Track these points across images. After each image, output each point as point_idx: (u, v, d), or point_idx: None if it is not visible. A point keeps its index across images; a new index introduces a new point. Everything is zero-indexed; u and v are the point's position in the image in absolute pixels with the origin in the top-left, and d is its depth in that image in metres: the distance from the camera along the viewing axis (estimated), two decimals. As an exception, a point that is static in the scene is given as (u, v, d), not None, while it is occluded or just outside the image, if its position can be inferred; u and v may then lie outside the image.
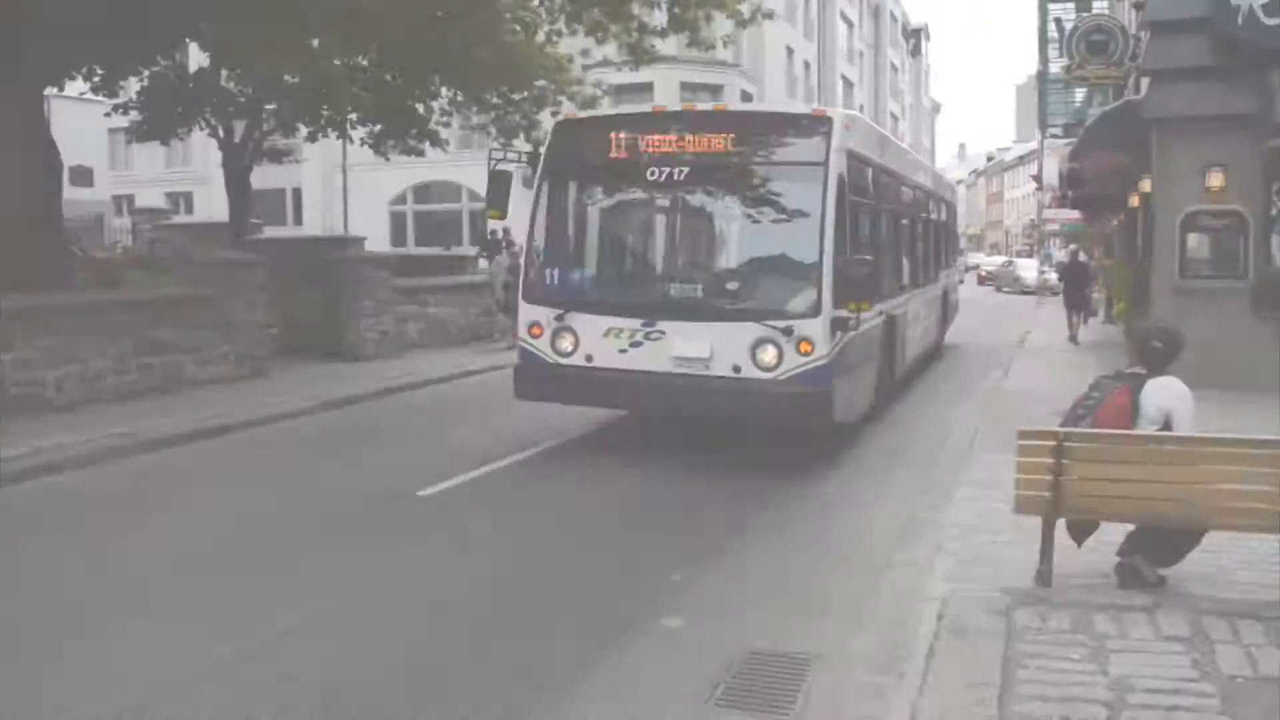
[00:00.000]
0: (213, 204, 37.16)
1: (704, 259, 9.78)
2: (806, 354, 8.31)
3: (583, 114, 10.35)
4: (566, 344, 9.15)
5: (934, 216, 16.46)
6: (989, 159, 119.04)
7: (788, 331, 8.33)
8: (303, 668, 4.82)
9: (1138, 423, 5.40)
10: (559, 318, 9.15)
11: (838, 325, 8.49)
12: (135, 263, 20.22)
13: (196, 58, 19.99)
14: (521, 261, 9.78)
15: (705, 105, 9.64)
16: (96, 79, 16.98)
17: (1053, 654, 4.63)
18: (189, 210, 43.05)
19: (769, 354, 8.41)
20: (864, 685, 4.52)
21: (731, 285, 9.15)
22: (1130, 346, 7.10)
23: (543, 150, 10.12)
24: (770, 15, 19.20)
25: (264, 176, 24.32)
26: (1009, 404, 11.83)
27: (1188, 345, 5.69)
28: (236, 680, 4.69)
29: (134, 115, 19.14)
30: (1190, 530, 5.43)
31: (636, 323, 8.86)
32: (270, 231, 28.67)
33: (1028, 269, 45.41)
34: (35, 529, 7.19)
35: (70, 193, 16.21)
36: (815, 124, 9.03)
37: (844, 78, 58.02)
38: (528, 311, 9.49)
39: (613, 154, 9.34)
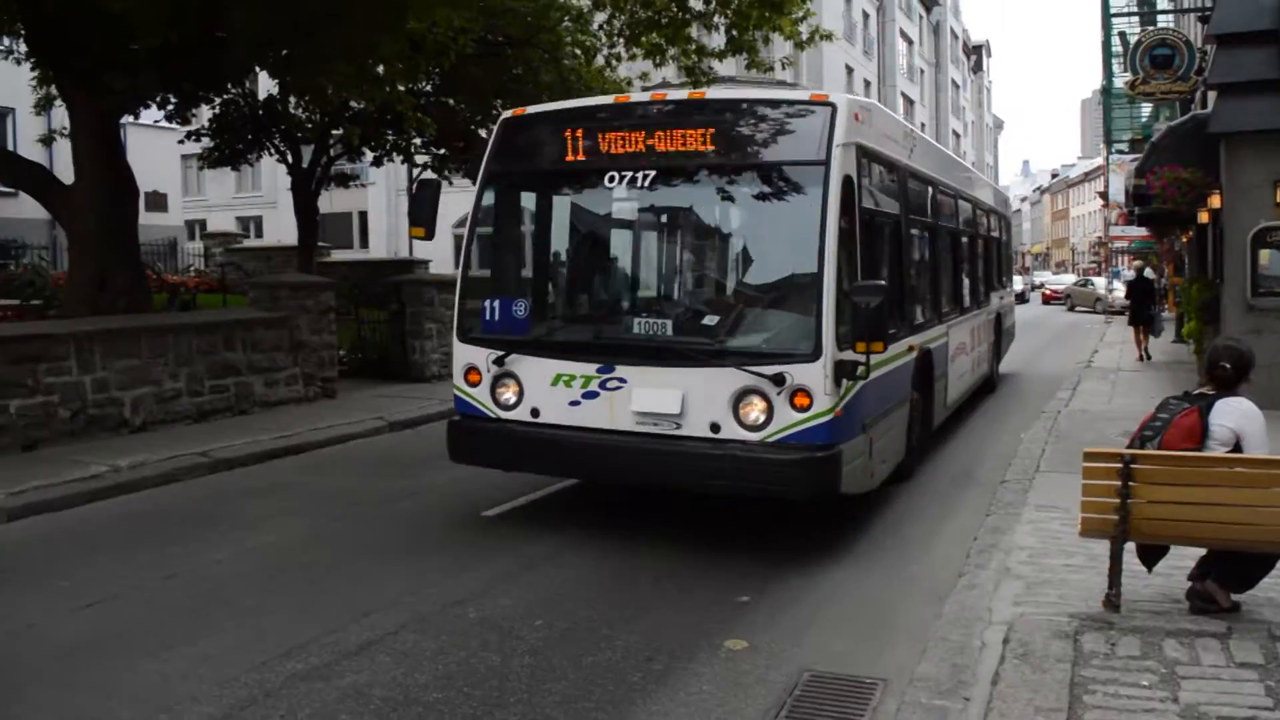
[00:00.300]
0: (281, 228, 38.05)
1: (675, 287, 7.99)
2: (803, 408, 6.63)
3: (533, 108, 8.29)
4: (509, 394, 7.50)
5: (983, 231, 14.59)
6: (1054, 175, 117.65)
7: (778, 380, 6.64)
8: (371, 684, 4.91)
9: (1207, 444, 5.31)
10: (499, 361, 7.48)
11: (843, 370, 6.69)
12: (207, 286, 20.77)
13: (265, 85, 20.54)
14: (456, 291, 8.06)
15: (679, 92, 7.71)
16: (170, 107, 17.53)
17: (1122, 680, 4.57)
18: (259, 234, 44.08)
19: (755, 408, 6.74)
20: (929, 709, 4.49)
21: (709, 320, 7.34)
22: (1201, 366, 6.92)
23: (485, 153, 8.25)
24: (829, 36, 19.15)
25: (331, 201, 24.87)
26: (1077, 425, 11.66)
27: (1259, 365, 5.60)
28: (306, 696, 4.79)
29: (206, 142, 19.71)
30: (1264, 554, 5.32)
31: (591, 368, 7.17)
32: (337, 254, 29.22)
33: (1111, 287, 43.85)
34: (113, 546, 7.40)
35: (145, 218, 16.70)
36: (813, 112, 7.14)
37: (904, 95, 57.77)
38: (463, 353, 7.76)
39: (567, 156, 7.60)
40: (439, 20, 13.02)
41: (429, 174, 20.19)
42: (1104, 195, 47.60)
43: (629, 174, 7.35)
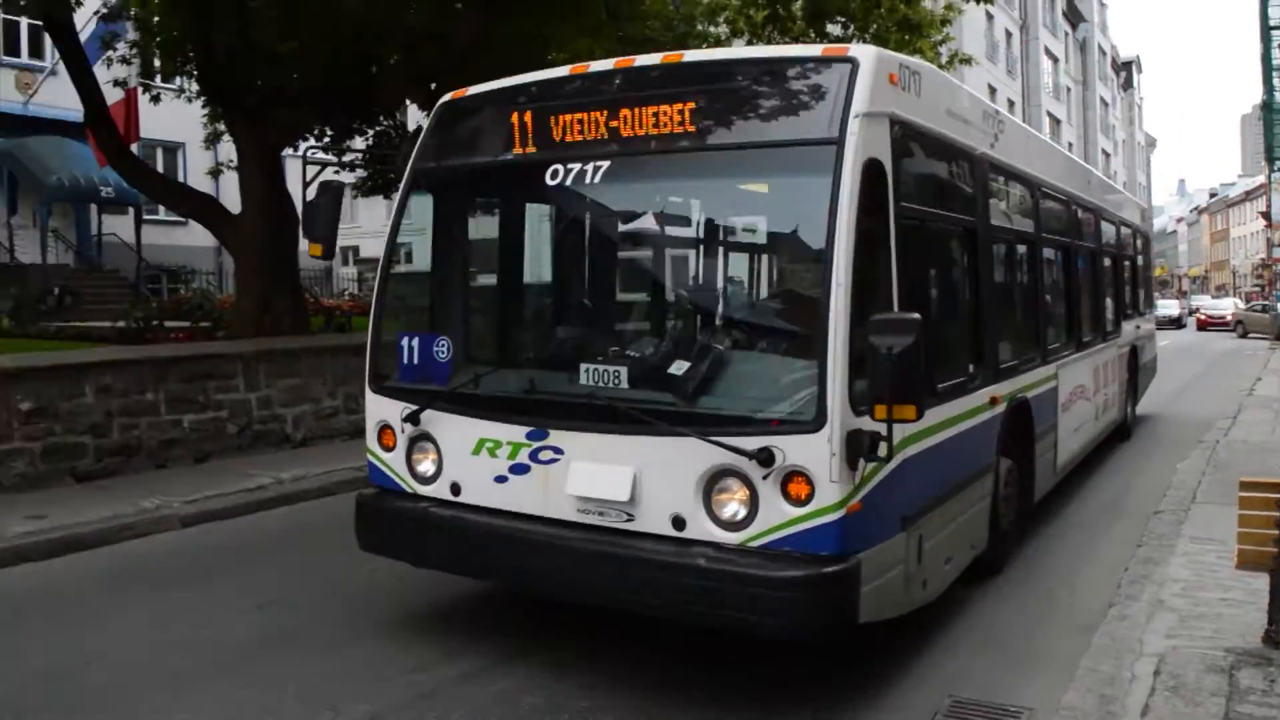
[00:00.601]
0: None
1: (633, 322, 6.24)
2: (800, 500, 4.62)
3: (477, 87, 6.28)
4: (426, 463, 5.80)
5: (1111, 246, 12.10)
6: (1212, 195, 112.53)
7: (764, 457, 4.63)
8: (521, 690, 5.12)
9: (1378, 476, 5.08)
10: (412, 419, 5.76)
11: (859, 445, 4.61)
12: (361, 309, 21.70)
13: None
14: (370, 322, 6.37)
15: (652, 56, 5.76)
16: (327, 139, 18.46)
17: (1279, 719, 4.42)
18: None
19: (733, 498, 4.78)
20: (1075, 739, 4.43)
21: (677, 369, 5.17)
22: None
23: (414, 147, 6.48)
24: (968, 61, 18.92)
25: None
26: (1236, 455, 11.16)
27: None
28: (460, 699, 5.03)
29: (359, 172, 20.64)
30: None
31: (520, 432, 5.35)
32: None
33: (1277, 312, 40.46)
34: (278, 553, 7.86)
35: (304, 244, 17.66)
36: (825, 72, 5.08)
37: (1050, 115, 56.33)
38: (376, 406, 6.08)
39: (504, 148, 5.85)
40: (580, 52, 13.40)
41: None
42: (1267, 215, 45.35)
43: (575, 168, 5.47)
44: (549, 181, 5.54)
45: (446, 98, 6.37)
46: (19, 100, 25.08)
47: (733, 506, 4.78)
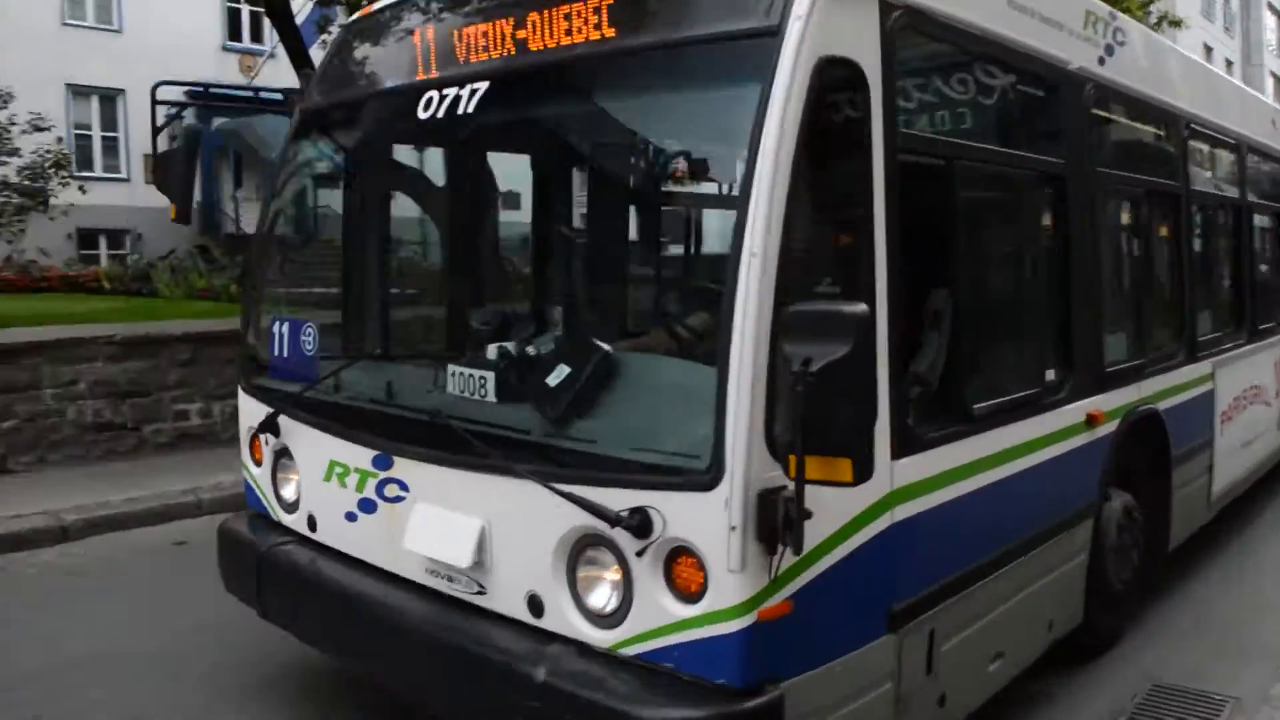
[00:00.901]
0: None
1: (498, 307, 4.76)
2: (689, 595, 2.96)
3: (381, 3, 4.55)
4: (290, 486, 4.48)
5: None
6: None
7: (638, 524, 2.98)
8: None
9: None
10: (270, 426, 4.42)
11: (774, 512, 2.79)
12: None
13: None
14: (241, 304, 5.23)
15: None
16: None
17: None
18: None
19: (602, 577, 3.19)
20: (1284, 732, 4.35)
21: (555, 377, 3.47)
22: None
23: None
24: (1178, 24, 17.90)
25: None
26: None
27: None
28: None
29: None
30: None
31: (366, 456, 3.95)
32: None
33: None
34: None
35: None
36: None
37: (1274, 74, 52.49)
38: (247, 409, 4.76)
39: (398, 75, 4.25)
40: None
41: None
42: None
43: (450, 97, 3.82)
44: (421, 115, 3.92)
45: (351, 18, 4.92)
46: (243, 82, 26.91)
47: (602, 590, 3.19)
